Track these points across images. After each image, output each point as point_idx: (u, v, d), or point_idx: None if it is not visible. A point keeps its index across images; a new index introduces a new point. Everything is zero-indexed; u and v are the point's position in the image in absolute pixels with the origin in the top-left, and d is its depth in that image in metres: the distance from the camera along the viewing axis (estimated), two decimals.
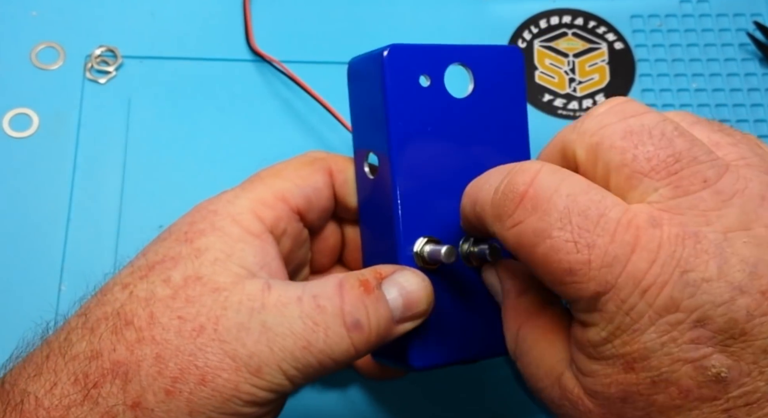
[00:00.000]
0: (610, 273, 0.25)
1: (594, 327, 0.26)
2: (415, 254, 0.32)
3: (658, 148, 0.26)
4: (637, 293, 0.25)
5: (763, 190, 0.25)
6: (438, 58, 0.32)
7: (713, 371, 0.24)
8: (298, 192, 0.32)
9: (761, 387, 0.24)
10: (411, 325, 0.31)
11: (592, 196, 0.25)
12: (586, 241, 0.25)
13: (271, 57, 0.46)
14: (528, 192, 0.26)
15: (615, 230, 0.25)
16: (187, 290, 0.28)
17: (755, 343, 0.24)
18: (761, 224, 0.24)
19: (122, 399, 0.27)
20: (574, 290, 0.26)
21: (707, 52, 0.50)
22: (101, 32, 0.47)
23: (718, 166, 0.25)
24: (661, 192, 0.25)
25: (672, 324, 0.24)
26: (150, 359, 0.27)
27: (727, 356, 0.24)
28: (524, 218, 0.26)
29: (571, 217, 0.25)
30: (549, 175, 0.26)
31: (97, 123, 0.45)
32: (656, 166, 0.25)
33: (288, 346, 0.28)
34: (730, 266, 0.24)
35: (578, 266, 0.25)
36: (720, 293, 0.24)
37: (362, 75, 0.33)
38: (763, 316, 0.24)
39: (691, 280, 0.24)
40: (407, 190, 0.32)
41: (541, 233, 0.26)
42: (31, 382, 0.27)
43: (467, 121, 0.33)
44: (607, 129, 0.27)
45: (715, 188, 0.25)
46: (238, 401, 0.28)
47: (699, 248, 0.24)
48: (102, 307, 0.29)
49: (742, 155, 0.26)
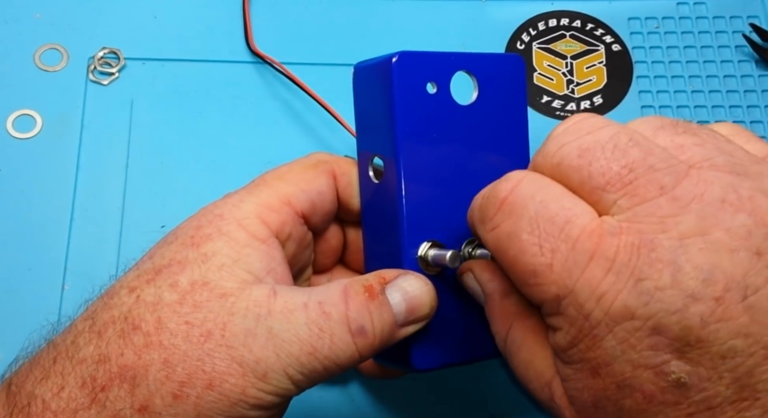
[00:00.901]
0: (569, 278, 0.25)
1: (560, 331, 0.27)
2: (419, 257, 0.32)
3: (611, 161, 0.26)
4: (593, 299, 0.25)
5: (724, 194, 0.25)
6: (444, 65, 0.32)
7: (673, 377, 0.24)
8: (303, 196, 0.33)
9: (722, 392, 0.24)
10: (414, 328, 0.31)
11: (564, 203, 0.26)
12: (551, 245, 0.26)
13: (271, 58, 0.47)
14: (508, 198, 0.27)
15: (578, 237, 0.25)
16: (195, 296, 0.29)
17: (712, 349, 0.24)
18: (720, 228, 0.24)
19: (130, 403, 0.27)
20: (538, 292, 0.26)
21: (704, 54, 0.51)
22: (104, 34, 0.48)
23: (676, 173, 0.25)
24: (619, 203, 0.25)
25: (629, 331, 0.25)
26: (158, 363, 0.27)
27: (685, 362, 0.24)
28: (501, 222, 0.27)
29: (540, 221, 0.26)
30: (529, 184, 0.27)
31: (100, 124, 0.46)
32: (611, 180, 0.26)
33: (294, 352, 0.28)
34: (684, 274, 0.24)
35: (541, 268, 0.26)
36: (673, 301, 0.24)
37: (369, 80, 0.33)
38: (717, 322, 0.24)
39: (644, 288, 0.24)
40: (412, 194, 0.32)
41: (513, 236, 0.27)
42: (38, 385, 0.28)
43: (471, 128, 0.33)
44: (564, 149, 0.27)
45: (672, 194, 0.25)
46: (245, 405, 0.28)
47: (653, 257, 0.24)
48: (109, 310, 0.29)
49: (706, 156, 0.26)
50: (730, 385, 0.24)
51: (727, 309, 0.24)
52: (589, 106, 0.49)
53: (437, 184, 0.32)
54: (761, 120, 0.49)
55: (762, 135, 0.49)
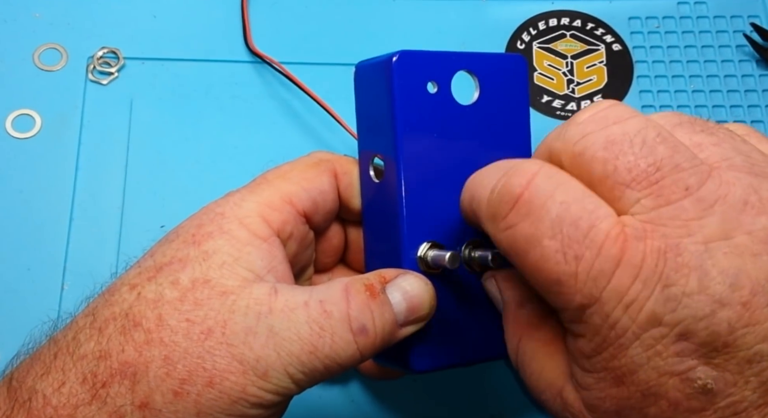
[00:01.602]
0: (596, 287, 0.25)
1: (582, 338, 0.26)
2: (418, 258, 0.32)
3: (639, 157, 0.25)
4: (621, 308, 0.25)
5: (746, 195, 0.24)
6: (445, 65, 0.32)
7: (699, 383, 0.24)
8: (305, 195, 0.32)
9: (748, 396, 0.24)
10: (414, 328, 0.31)
11: (585, 205, 0.25)
12: (575, 252, 0.25)
13: (271, 58, 0.47)
14: (523, 195, 0.26)
15: (603, 243, 0.24)
16: (195, 293, 0.28)
17: (739, 354, 0.24)
18: (742, 231, 0.24)
19: (130, 399, 0.27)
20: (561, 300, 0.26)
21: (704, 53, 0.51)
22: (103, 34, 0.48)
23: (700, 173, 0.25)
24: (643, 203, 0.25)
25: (656, 338, 0.24)
26: (158, 360, 0.27)
27: (712, 367, 0.24)
28: (517, 222, 0.26)
29: (563, 226, 0.25)
30: (545, 180, 0.26)
31: (100, 124, 0.46)
32: (637, 177, 0.25)
33: (294, 351, 0.28)
34: (710, 279, 0.24)
35: (565, 277, 0.25)
36: (701, 307, 0.24)
37: (370, 79, 0.33)
38: (744, 327, 0.24)
39: (672, 294, 0.24)
40: (412, 194, 0.32)
41: (533, 240, 0.25)
42: (39, 380, 0.28)
43: (472, 128, 0.33)
44: (589, 138, 0.26)
45: (696, 196, 0.24)
46: (245, 404, 0.28)
47: (680, 262, 0.24)
48: (110, 307, 0.29)
49: (725, 156, 0.26)
50: (756, 389, 0.24)
51: (754, 314, 0.24)
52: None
53: (437, 185, 0.32)
54: (762, 120, 0.49)
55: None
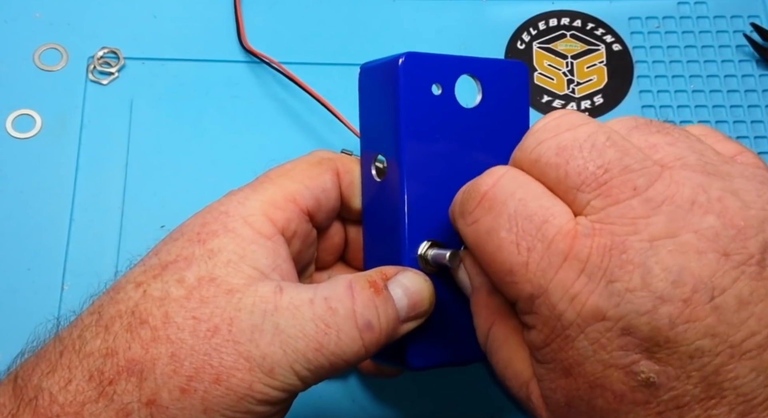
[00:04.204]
0: (544, 278, 0.26)
1: (533, 329, 0.27)
2: (418, 256, 0.32)
3: (588, 160, 0.26)
4: (566, 300, 0.25)
5: (694, 195, 0.25)
6: (450, 68, 0.33)
7: (642, 377, 0.25)
8: (308, 193, 0.33)
9: (690, 390, 0.25)
10: (414, 324, 0.31)
11: (542, 202, 0.27)
12: (527, 244, 0.26)
13: (270, 58, 0.47)
14: (488, 193, 0.28)
15: (554, 237, 0.26)
16: (201, 291, 0.29)
17: (680, 349, 0.24)
18: (689, 230, 0.25)
19: (137, 397, 0.27)
20: (514, 290, 0.27)
21: (705, 53, 0.51)
22: (104, 34, 0.48)
23: (649, 174, 0.26)
24: (593, 203, 0.26)
25: (600, 332, 0.25)
26: (165, 357, 0.27)
27: (654, 362, 0.25)
28: (481, 217, 0.28)
29: (518, 219, 0.27)
30: (509, 180, 0.28)
31: (100, 124, 0.46)
32: (586, 179, 0.26)
33: (300, 348, 0.28)
34: (653, 276, 0.24)
35: (517, 267, 0.26)
36: (643, 302, 0.24)
37: (375, 80, 0.33)
38: (685, 323, 0.24)
39: (615, 290, 0.25)
40: (414, 194, 0.32)
41: (492, 232, 0.27)
42: (45, 378, 0.28)
43: (474, 130, 0.33)
44: (543, 145, 0.27)
45: (644, 196, 0.25)
46: (252, 400, 0.28)
47: (624, 258, 0.25)
48: (116, 305, 0.29)
49: (678, 155, 0.26)
50: (697, 384, 0.25)
51: (695, 310, 0.24)
52: (590, 106, 0.49)
53: (439, 185, 0.32)
54: (762, 120, 0.49)
55: (762, 135, 0.49)
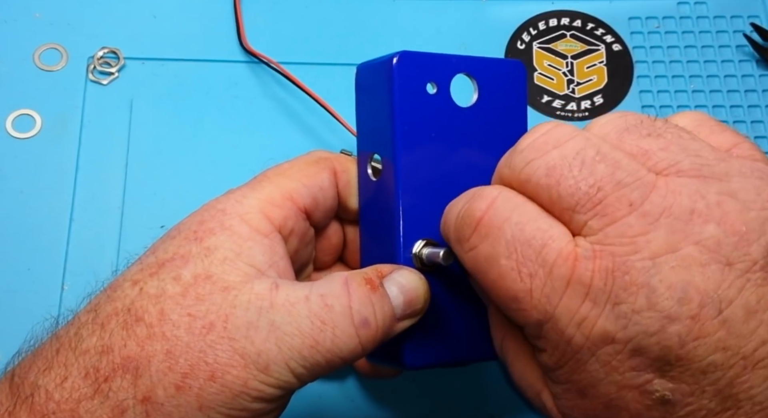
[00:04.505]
0: (549, 304, 0.26)
1: (545, 352, 0.27)
2: (413, 255, 0.32)
3: (579, 180, 0.26)
4: (573, 325, 0.25)
5: (692, 203, 0.25)
6: (445, 67, 0.33)
7: (657, 395, 0.25)
8: (306, 192, 0.33)
9: (706, 405, 0.25)
10: (409, 322, 0.31)
11: (540, 224, 0.26)
12: (529, 270, 0.26)
13: (269, 58, 0.47)
14: (483, 219, 0.27)
15: (555, 261, 0.26)
16: (197, 288, 0.29)
17: (692, 366, 0.24)
18: (690, 242, 0.24)
19: (132, 393, 0.27)
20: (521, 316, 0.27)
21: (705, 53, 0.51)
22: (104, 34, 0.48)
23: (643, 186, 0.25)
24: (590, 224, 0.25)
25: (611, 354, 0.25)
26: (160, 354, 0.27)
27: (668, 380, 0.25)
28: (478, 244, 0.27)
29: (517, 245, 0.26)
30: (503, 203, 0.27)
31: (100, 124, 0.46)
32: (580, 200, 0.26)
33: (296, 345, 0.28)
34: (659, 295, 0.24)
35: (521, 294, 0.26)
36: (651, 323, 0.24)
37: (370, 79, 0.33)
38: (695, 340, 0.24)
39: (622, 312, 0.25)
40: (409, 192, 0.32)
41: (491, 260, 0.27)
42: (41, 375, 0.28)
43: (470, 130, 0.33)
44: (531, 166, 0.27)
45: (641, 211, 0.25)
46: (247, 397, 0.28)
47: (627, 280, 0.24)
48: (112, 303, 0.29)
49: (672, 161, 0.26)
50: (713, 397, 0.25)
51: (704, 326, 0.24)
52: (590, 106, 0.49)
53: (434, 184, 0.32)
54: (762, 120, 0.49)
55: (762, 135, 0.49)
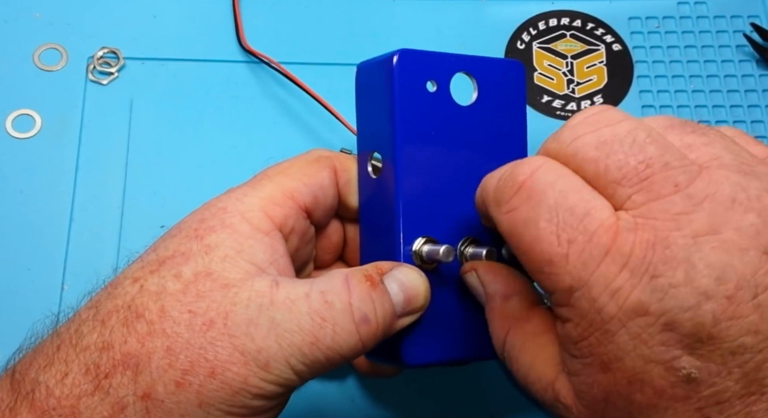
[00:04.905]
0: (585, 270, 0.26)
1: (570, 322, 0.27)
2: (413, 252, 0.32)
3: (629, 155, 0.26)
4: (607, 294, 0.25)
5: (734, 193, 0.25)
6: (445, 65, 0.33)
7: (684, 372, 0.25)
8: (306, 190, 0.33)
9: (731, 386, 0.25)
10: (409, 319, 0.31)
11: (583, 195, 0.26)
12: (568, 236, 0.26)
13: (269, 58, 0.47)
14: (526, 182, 0.27)
15: (595, 230, 0.26)
16: (198, 285, 0.29)
17: (723, 345, 0.24)
18: (730, 227, 0.25)
19: (133, 390, 0.27)
20: (551, 281, 0.27)
21: (705, 53, 0.51)
22: (103, 34, 0.48)
23: (689, 171, 0.26)
24: (634, 198, 0.26)
25: (642, 327, 0.25)
26: (161, 351, 0.28)
27: (696, 357, 0.25)
28: (518, 206, 0.27)
29: (559, 211, 0.26)
30: (548, 171, 0.27)
31: (100, 124, 0.46)
32: (627, 174, 0.26)
33: (296, 342, 0.28)
34: (697, 272, 0.24)
35: (557, 258, 0.26)
36: (687, 298, 0.24)
37: (371, 78, 0.33)
38: (728, 320, 0.24)
39: (659, 285, 0.25)
40: (409, 190, 0.32)
41: (530, 222, 0.27)
42: (42, 372, 0.28)
43: (469, 128, 0.33)
44: (581, 140, 0.27)
45: (686, 192, 0.25)
46: (247, 394, 0.28)
47: (668, 254, 0.25)
48: (113, 300, 0.29)
49: (715, 156, 0.26)
50: (739, 380, 0.25)
51: (739, 307, 0.24)
52: (590, 106, 0.49)
53: (434, 182, 0.33)
54: (762, 120, 0.49)
55: (762, 135, 0.49)
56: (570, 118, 0.28)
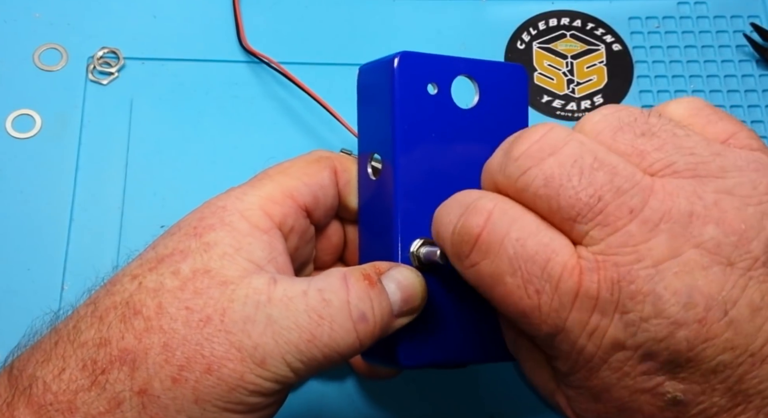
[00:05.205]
0: (559, 318, 0.26)
1: (558, 360, 0.28)
2: (411, 254, 0.32)
3: (579, 191, 0.26)
4: (584, 336, 0.26)
5: (690, 205, 0.25)
6: (446, 68, 0.33)
7: (669, 397, 0.25)
8: (306, 190, 0.33)
9: (717, 402, 0.25)
10: (406, 320, 0.31)
11: (540, 238, 0.26)
12: (535, 287, 0.26)
13: (269, 58, 0.47)
14: (481, 235, 0.27)
15: (560, 275, 0.26)
16: (196, 283, 0.29)
17: (702, 367, 0.25)
18: (690, 245, 0.25)
19: (129, 385, 0.27)
20: (532, 330, 0.27)
21: (705, 53, 0.51)
22: (103, 34, 0.48)
23: (642, 191, 0.25)
24: (591, 234, 0.25)
25: (622, 361, 0.26)
26: (157, 347, 0.28)
27: (678, 381, 0.25)
28: (479, 261, 0.27)
29: (521, 262, 0.26)
30: (501, 217, 0.27)
31: (100, 124, 0.46)
32: (581, 211, 0.25)
33: (293, 339, 0.28)
34: (664, 302, 0.25)
35: (530, 310, 0.26)
36: (659, 330, 0.25)
37: (372, 80, 0.33)
38: (703, 343, 0.25)
39: (630, 321, 0.25)
40: (407, 192, 0.32)
41: (496, 278, 0.27)
42: (39, 367, 0.28)
43: (470, 131, 0.33)
44: (528, 175, 0.26)
45: (641, 218, 0.25)
46: (243, 391, 0.28)
47: (633, 289, 0.25)
48: (111, 296, 0.29)
49: (667, 162, 0.26)
50: (723, 395, 0.25)
51: (711, 328, 0.25)
52: (590, 106, 0.49)
53: (433, 184, 0.33)
54: (762, 120, 0.49)
55: (762, 135, 0.49)
56: (512, 143, 0.27)
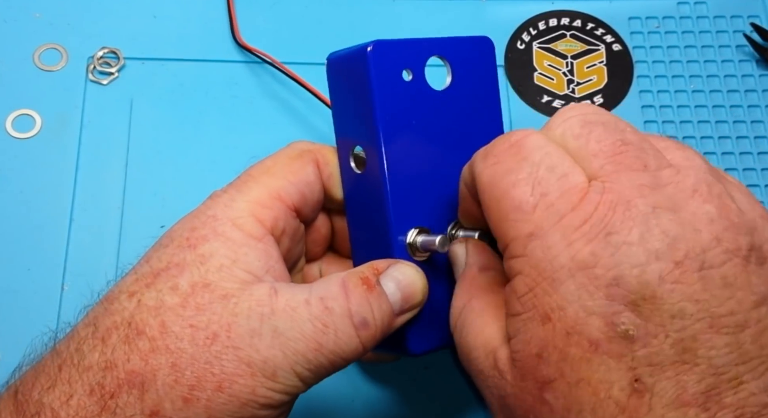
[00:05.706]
0: (548, 221, 0.27)
1: (519, 275, 0.27)
2: (407, 244, 0.32)
3: (610, 134, 0.28)
4: (563, 244, 0.26)
5: (697, 185, 0.27)
6: (417, 51, 0.33)
7: (622, 328, 0.26)
8: (293, 189, 0.33)
9: (665, 350, 0.25)
10: (409, 316, 0.32)
11: (565, 161, 0.28)
12: (542, 189, 0.27)
13: (270, 57, 0.47)
14: (519, 141, 0.29)
15: (568, 189, 0.27)
16: (196, 298, 0.29)
17: (663, 307, 0.25)
18: (689, 211, 0.26)
19: (140, 409, 0.27)
20: (513, 228, 0.28)
21: (705, 53, 0.51)
22: (104, 34, 0.48)
23: (661, 159, 0.28)
24: (605, 167, 0.27)
25: (590, 278, 0.26)
26: (166, 368, 0.27)
27: (636, 315, 0.25)
28: (505, 159, 0.29)
29: (541, 168, 0.28)
30: (540, 138, 0.29)
31: (100, 124, 0.46)
32: (604, 148, 0.28)
33: (300, 349, 0.28)
34: (652, 235, 0.26)
35: (526, 205, 0.27)
36: (637, 255, 0.26)
37: (344, 70, 0.33)
38: (673, 283, 0.25)
39: (613, 241, 0.26)
40: (397, 182, 0.32)
41: (511, 172, 0.28)
42: (45, 393, 0.27)
43: (448, 112, 0.33)
44: (569, 121, 0.29)
45: (653, 173, 0.27)
46: (255, 405, 0.28)
47: (627, 215, 0.26)
48: (111, 316, 0.29)
49: (687, 158, 0.28)
50: (674, 345, 0.25)
51: (684, 273, 0.25)
52: None
53: (419, 171, 0.33)
54: (762, 120, 0.49)
55: (763, 135, 0.49)
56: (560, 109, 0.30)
